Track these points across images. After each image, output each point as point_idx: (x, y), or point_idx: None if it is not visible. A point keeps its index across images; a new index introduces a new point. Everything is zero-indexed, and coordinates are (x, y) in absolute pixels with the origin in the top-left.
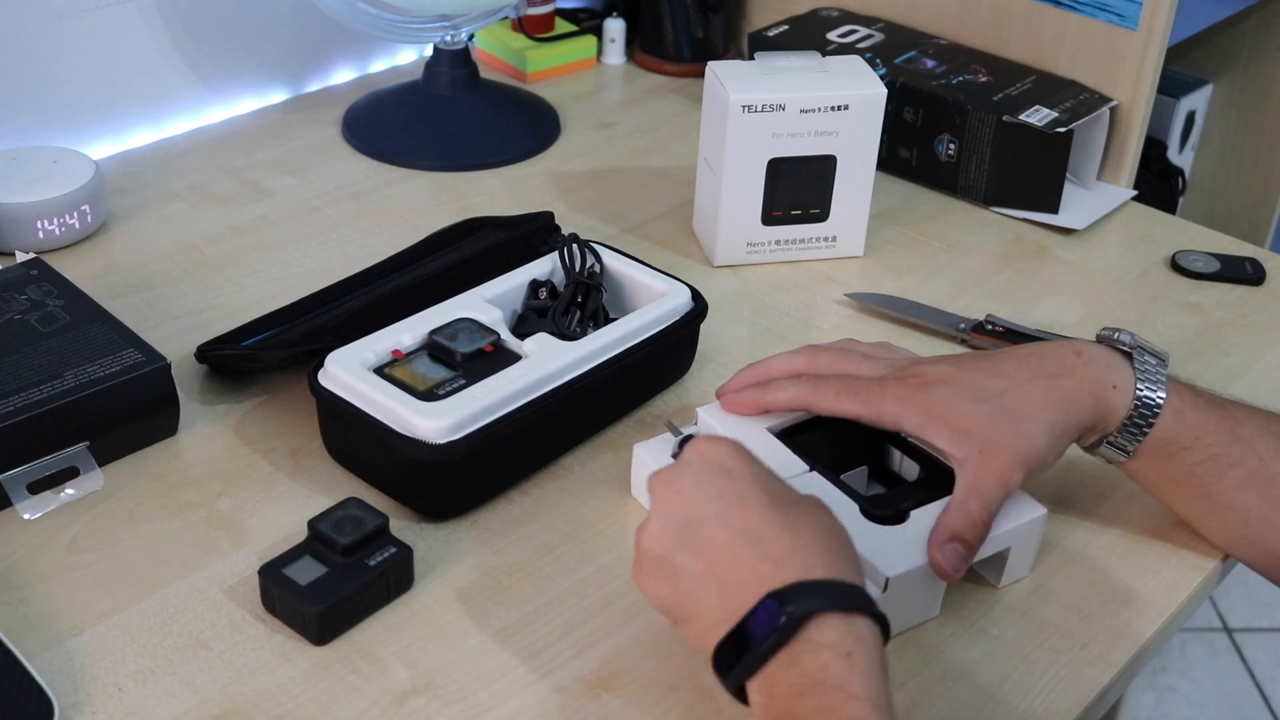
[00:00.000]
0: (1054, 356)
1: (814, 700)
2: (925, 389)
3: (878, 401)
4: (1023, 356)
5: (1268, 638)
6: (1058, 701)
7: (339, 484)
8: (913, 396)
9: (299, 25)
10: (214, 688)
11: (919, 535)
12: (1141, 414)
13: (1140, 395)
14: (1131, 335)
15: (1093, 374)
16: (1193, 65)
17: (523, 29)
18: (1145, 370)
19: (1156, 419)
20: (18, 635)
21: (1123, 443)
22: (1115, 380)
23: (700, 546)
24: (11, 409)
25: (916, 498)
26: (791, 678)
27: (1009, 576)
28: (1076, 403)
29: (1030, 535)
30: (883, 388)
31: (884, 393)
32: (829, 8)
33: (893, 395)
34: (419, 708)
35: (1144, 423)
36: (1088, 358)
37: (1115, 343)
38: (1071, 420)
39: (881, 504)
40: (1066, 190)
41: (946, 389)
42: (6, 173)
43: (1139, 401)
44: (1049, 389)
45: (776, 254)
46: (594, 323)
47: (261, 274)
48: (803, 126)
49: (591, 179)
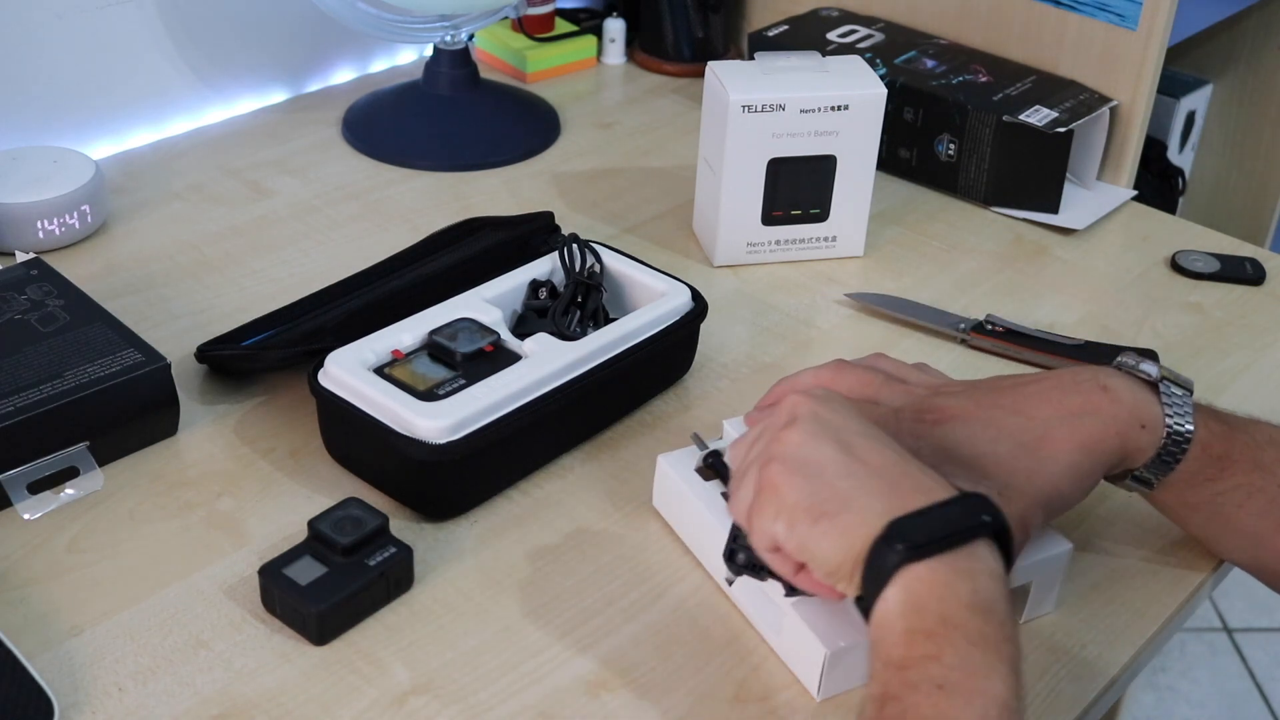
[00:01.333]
0: (1079, 393)
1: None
2: (942, 426)
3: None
4: (1045, 392)
5: (1268, 638)
6: (1058, 701)
7: (339, 484)
8: (929, 434)
9: (299, 25)
10: (214, 688)
11: None
12: (1170, 450)
13: (1170, 430)
14: (1155, 365)
15: (1119, 413)
16: (1193, 65)
17: (523, 29)
18: (1172, 403)
19: (1185, 454)
20: (18, 635)
21: (1149, 478)
22: (1143, 419)
23: (865, 451)
24: (11, 409)
25: None
26: (964, 589)
27: (1031, 611)
28: (1102, 444)
29: (1053, 570)
30: (899, 422)
31: (899, 428)
32: (829, 8)
33: (909, 432)
34: (419, 708)
35: (1171, 459)
36: (1114, 395)
37: (1140, 373)
38: (1097, 461)
39: None
40: (1066, 190)
41: (964, 427)
42: (6, 173)
43: (1168, 436)
44: (1073, 430)
45: (776, 254)
46: (594, 323)
47: (261, 274)
48: (803, 126)
49: (591, 179)
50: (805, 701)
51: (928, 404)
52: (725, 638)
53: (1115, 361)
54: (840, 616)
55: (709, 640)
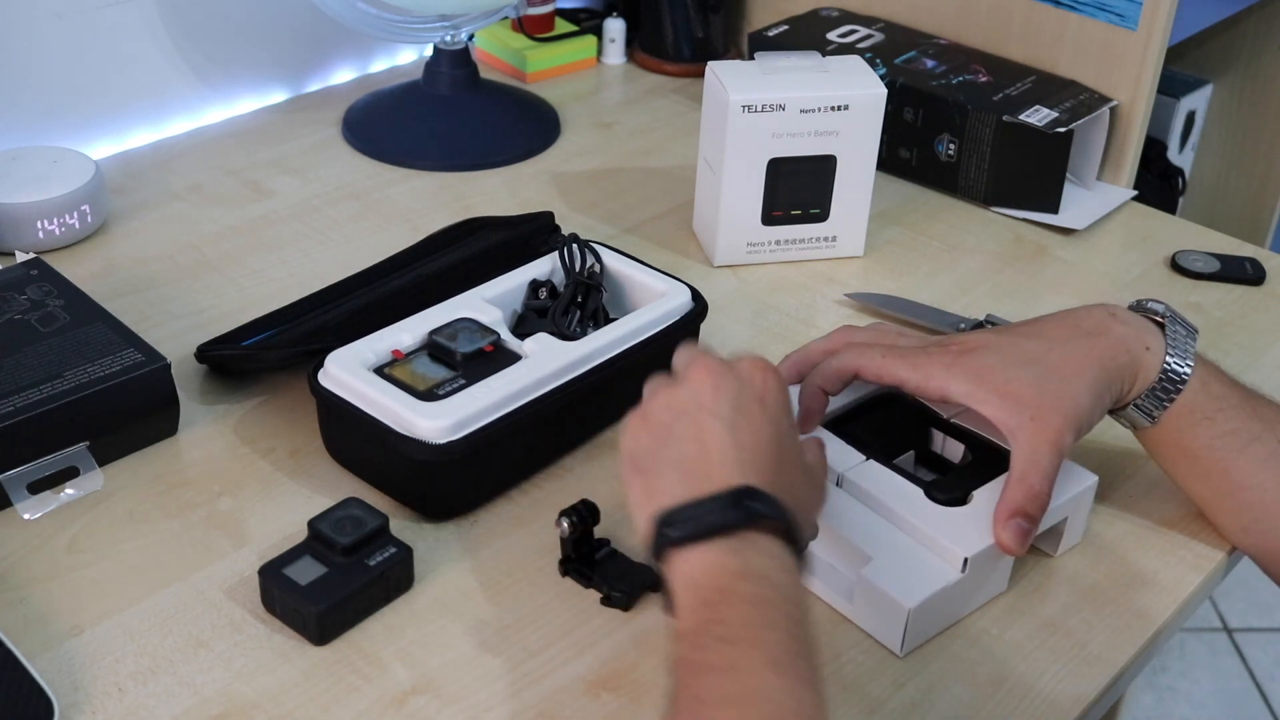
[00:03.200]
0: (1090, 316)
1: (752, 587)
2: (970, 354)
3: (925, 366)
4: (1059, 317)
5: (1268, 638)
6: (1058, 701)
7: (339, 484)
8: (959, 362)
9: (299, 25)
10: (214, 688)
11: (985, 514)
12: (1169, 381)
13: (1168, 364)
14: (1165, 305)
15: (1127, 333)
16: (1193, 65)
17: (523, 29)
18: (1176, 339)
19: (1184, 386)
20: (18, 635)
21: (1149, 407)
22: (1148, 342)
23: (701, 430)
24: (11, 409)
25: (976, 478)
26: (733, 564)
27: (1065, 545)
28: (1115, 360)
29: (1084, 503)
30: (928, 354)
31: (930, 359)
32: (829, 8)
33: (939, 361)
34: (419, 708)
35: (1172, 388)
36: (1122, 318)
37: (1148, 311)
38: (1113, 377)
39: (944, 488)
40: (1066, 190)
41: (991, 354)
42: (6, 173)
43: (1166, 368)
44: (1089, 347)
45: (776, 254)
46: (594, 323)
47: (261, 274)
48: (803, 126)
49: (591, 179)
50: None
51: (951, 339)
52: None
53: (1130, 304)
54: (909, 576)
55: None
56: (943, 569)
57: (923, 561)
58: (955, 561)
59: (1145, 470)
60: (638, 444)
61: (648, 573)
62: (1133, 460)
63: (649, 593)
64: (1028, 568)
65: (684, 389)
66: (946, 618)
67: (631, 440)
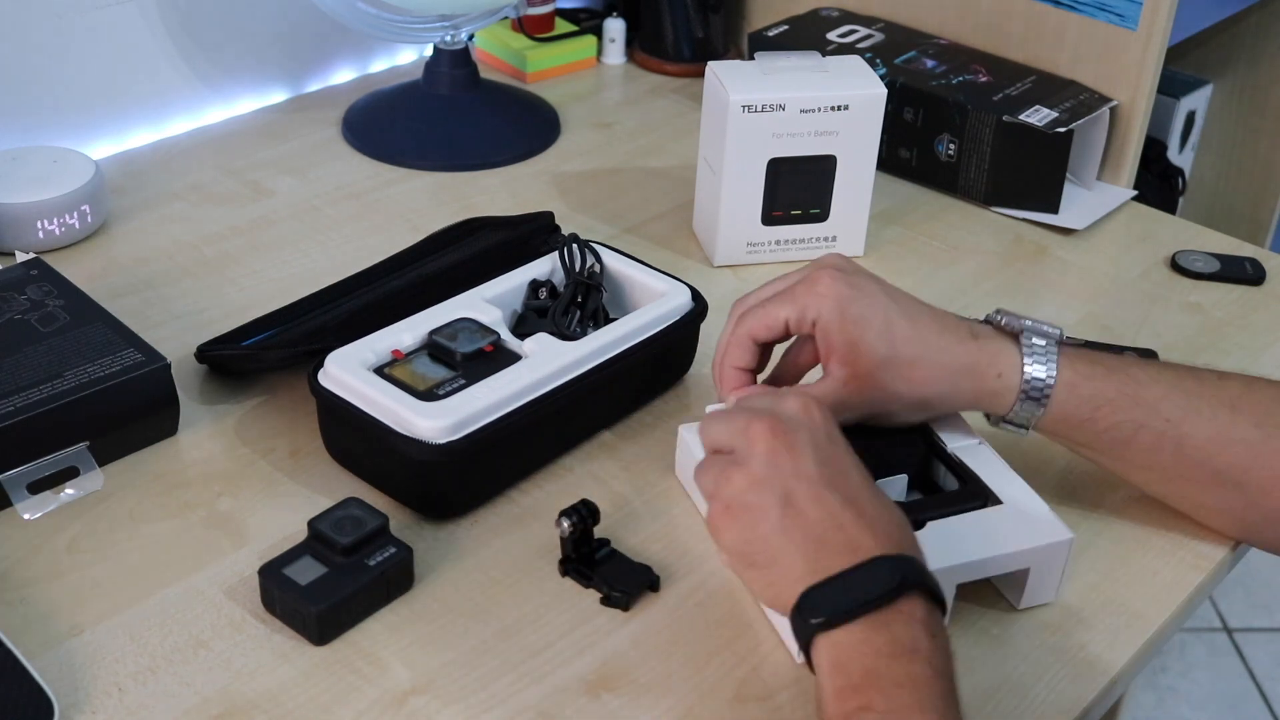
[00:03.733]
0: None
1: (903, 666)
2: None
3: (801, 297)
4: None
5: (1268, 638)
6: (1058, 701)
7: (339, 484)
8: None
9: (299, 25)
10: (214, 688)
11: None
12: (1033, 393)
13: (1028, 374)
14: (1016, 318)
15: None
16: (1193, 65)
17: (523, 29)
18: (1033, 350)
19: (1050, 395)
20: (18, 635)
21: (1020, 421)
22: (1000, 369)
23: (804, 503)
24: (11, 409)
25: (939, 510)
26: (880, 640)
27: (1030, 599)
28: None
29: (1054, 559)
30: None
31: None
32: (829, 8)
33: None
34: (419, 708)
35: (1039, 397)
36: (982, 340)
37: (1001, 326)
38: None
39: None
40: (1066, 190)
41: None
42: (6, 173)
43: (1027, 379)
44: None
45: (776, 254)
46: (594, 323)
47: (261, 274)
48: (803, 126)
49: (591, 179)
50: (806, 702)
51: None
52: (726, 637)
53: (986, 316)
54: None
55: (709, 640)
56: None
57: None
58: None
59: None
60: (738, 538)
61: (648, 572)
62: None
63: (649, 592)
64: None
65: (756, 462)
66: None
67: (729, 537)
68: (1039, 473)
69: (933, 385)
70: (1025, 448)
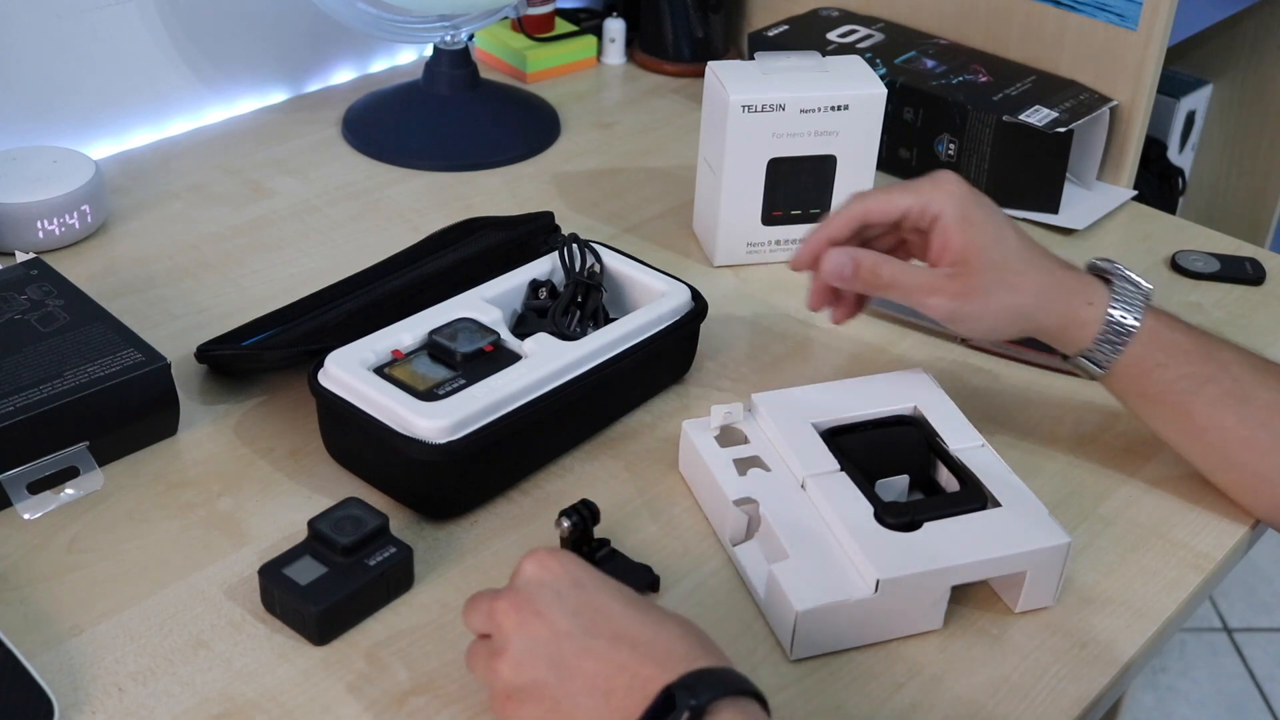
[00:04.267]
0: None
1: None
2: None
3: (926, 191)
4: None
5: (1268, 638)
6: (1058, 701)
7: (339, 484)
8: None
9: (299, 25)
10: (214, 688)
11: (927, 544)
12: (1114, 332)
13: (1112, 315)
14: (1117, 265)
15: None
16: (1193, 65)
17: (523, 29)
18: (1122, 294)
19: (1130, 338)
20: (18, 635)
21: (1099, 357)
22: (1091, 297)
23: (576, 663)
24: (11, 409)
25: (937, 511)
26: None
27: (1028, 603)
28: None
29: (1051, 563)
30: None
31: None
32: (829, 8)
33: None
34: (419, 708)
35: (1118, 339)
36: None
37: (1100, 271)
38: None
39: (896, 512)
40: (1066, 190)
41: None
42: (6, 173)
43: (1110, 319)
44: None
45: (776, 254)
46: (594, 323)
47: (261, 274)
48: (803, 126)
49: (591, 179)
50: (805, 701)
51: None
52: (726, 637)
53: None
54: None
55: None
56: (854, 585)
57: (838, 574)
58: (869, 580)
59: (1145, 471)
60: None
61: (647, 573)
62: (1133, 461)
63: (649, 592)
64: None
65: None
66: (854, 636)
67: None
68: (1039, 472)
69: (1033, 296)
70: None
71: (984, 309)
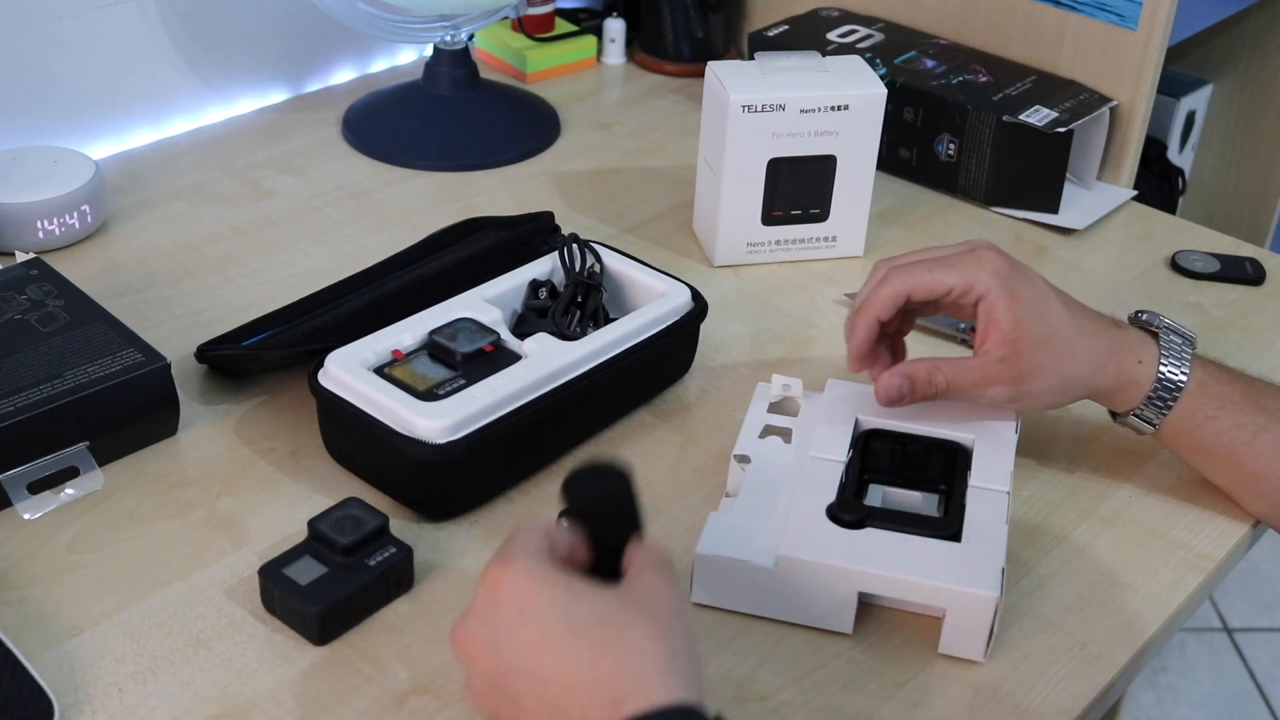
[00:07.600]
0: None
1: None
2: (1018, 273)
3: (971, 270)
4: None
5: (1268, 638)
6: (1058, 701)
7: (339, 484)
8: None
9: (299, 25)
10: (214, 688)
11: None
12: (1165, 389)
13: (1163, 373)
14: (1160, 316)
15: (1123, 344)
16: (1193, 65)
17: (523, 29)
18: (1171, 348)
19: (1180, 394)
20: (18, 635)
21: (1149, 415)
22: (1141, 355)
23: (518, 699)
24: (11, 409)
25: (890, 523)
26: None
27: (948, 646)
28: (1104, 368)
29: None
30: (976, 258)
31: (978, 263)
32: (829, 8)
33: (988, 268)
34: (419, 708)
35: (1169, 396)
36: (1123, 327)
37: (1144, 323)
38: (1094, 385)
39: (851, 509)
40: (1066, 190)
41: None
42: (6, 173)
43: (1161, 377)
44: (1093, 347)
45: (776, 254)
46: (594, 323)
47: (261, 274)
48: (803, 126)
49: (591, 179)
50: (805, 701)
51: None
52: (726, 637)
53: (1127, 316)
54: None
55: (709, 640)
56: (760, 552)
57: (757, 539)
58: (772, 553)
59: (1144, 471)
60: None
61: None
62: (1133, 461)
63: None
64: None
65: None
66: (754, 603)
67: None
68: (1040, 469)
69: (1084, 364)
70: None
71: (1041, 387)
